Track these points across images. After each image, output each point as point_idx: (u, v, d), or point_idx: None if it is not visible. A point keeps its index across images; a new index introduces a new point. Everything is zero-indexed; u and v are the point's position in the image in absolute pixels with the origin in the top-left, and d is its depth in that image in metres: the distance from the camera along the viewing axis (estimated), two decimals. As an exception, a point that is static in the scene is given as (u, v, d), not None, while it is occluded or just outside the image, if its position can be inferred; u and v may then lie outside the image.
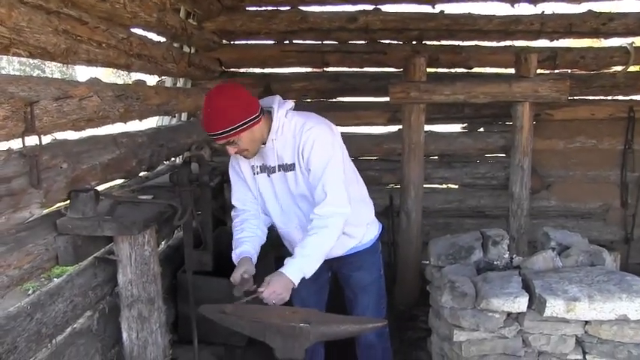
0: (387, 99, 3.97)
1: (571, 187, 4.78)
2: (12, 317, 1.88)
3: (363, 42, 4.64)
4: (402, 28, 4.51)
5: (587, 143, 4.72)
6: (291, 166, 2.37)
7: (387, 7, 4.47)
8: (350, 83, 4.71)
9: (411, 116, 3.91)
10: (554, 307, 2.28)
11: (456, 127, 4.97)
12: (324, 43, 4.65)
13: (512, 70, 4.03)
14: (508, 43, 4.65)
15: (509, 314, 2.41)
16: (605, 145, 4.71)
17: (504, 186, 4.45)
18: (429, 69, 3.94)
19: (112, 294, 2.53)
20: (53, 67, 13.81)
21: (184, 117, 4.41)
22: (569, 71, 4.65)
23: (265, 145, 2.36)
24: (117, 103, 2.61)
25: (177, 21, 3.41)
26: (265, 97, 2.46)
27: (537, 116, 4.34)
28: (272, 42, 4.69)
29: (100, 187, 2.48)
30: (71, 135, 2.30)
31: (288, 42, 4.67)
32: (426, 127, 4.04)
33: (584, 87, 4.64)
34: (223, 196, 3.75)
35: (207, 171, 2.70)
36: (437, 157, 4.86)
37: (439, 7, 4.46)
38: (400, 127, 4.18)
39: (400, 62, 4.34)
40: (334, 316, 2.24)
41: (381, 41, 4.63)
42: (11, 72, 12.76)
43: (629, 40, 4.63)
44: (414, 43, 4.60)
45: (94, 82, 2.44)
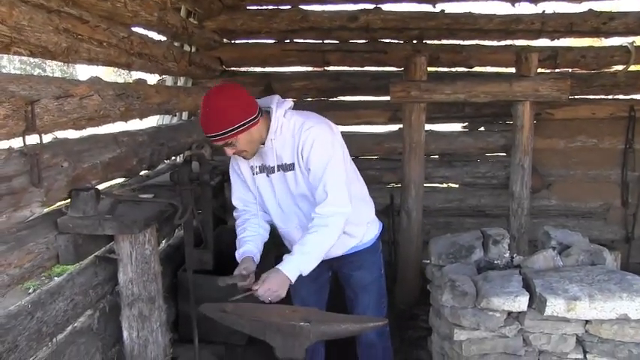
0: (387, 98, 3.97)
1: (572, 187, 4.78)
2: (13, 316, 1.88)
3: (364, 41, 4.65)
4: (402, 28, 4.51)
5: (587, 142, 4.72)
6: (290, 166, 2.36)
7: (387, 6, 4.47)
8: (351, 82, 4.71)
9: (412, 115, 3.91)
10: (555, 306, 2.28)
11: (456, 127, 4.97)
12: (325, 42, 4.66)
13: (512, 69, 4.02)
14: (509, 42, 4.65)
15: (509, 313, 2.41)
16: (605, 144, 4.71)
17: (505, 185, 4.45)
18: (429, 68, 3.93)
19: (112, 293, 2.53)
20: (54, 65, 13.81)
21: (185, 116, 4.41)
22: (570, 70, 4.65)
23: (264, 145, 2.35)
24: (117, 101, 2.62)
25: (177, 20, 3.41)
26: (265, 96, 2.46)
27: (538, 115, 4.34)
28: (273, 41, 4.70)
29: (100, 186, 2.49)
30: (72, 134, 2.31)
31: (288, 41, 4.67)
32: (427, 127, 4.04)
33: (585, 86, 4.63)
34: (224, 195, 3.75)
35: (207, 170, 2.70)
36: (437, 156, 4.86)
37: (440, 7, 4.46)
38: (401, 126, 4.18)
39: (401, 61, 4.33)
40: (335, 315, 2.23)
41: (382, 40, 4.64)
42: (12, 71, 12.77)
43: (630, 39, 4.63)
44: (414, 42, 4.61)
45: (95, 80, 2.45)
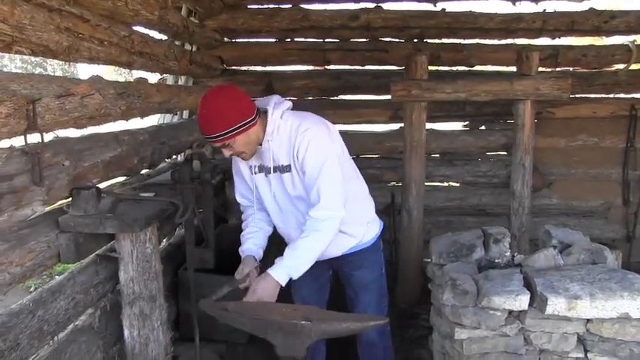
0: (388, 97, 3.97)
1: (573, 185, 4.77)
2: (14, 314, 1.88)
3: (365, 40, 4.65)
4: (403, 26, 4.51)
5: (588, 141, 4.72)
6: (287, 168, 2.36)
7: (388, 5, 4.47)
8: (351, 81, 4.71)
9: (413, 114, 3.91)
10: (556, 305, 2.28)
11: (457, 125, 4.97)
12: (326, 41, 4.66)
13: (513, 68, 4.02)
14: (509, 41, 4.64)
15: (510, 312, 2.41)
16: (606, 143, 4.70)
17: (506, 184, 4.45)
18: (430, 67, 3.92)
19: (113, 291, 2.54)
20: (55, 64, 13.82)
21: (186, 115, 4.41)
22: (571, 69, 4.65)
23: (261, 146, 2.35)
24: (118, 100, 2.62)
25: (178, 19, 3.41)
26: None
27: (539, 114, 4.33)
28: (273, 40, 4.70)
29: (101, 185, 2.49)
30: (73, 133, 2.31)
31: (289, 40, 4.67)
32: (428, 125, 4.04)
33: (586, 85, 4.63)
34: (225, 194, 3.76)
35: (208, 168, 2.69)
36: (438, 155, 4.87)
37: (440, 5, 4.46)
38: (402, 125, 4.18)
39: (402, 60, 4.33)
40: (335, 313, 2.23)
41: (383, 39, 4.64)
42: (13, 70, 12.77)
43: (631, 38, 4.63)
44: (415, 41, 4.61)
45: (96, 79, 2.45)
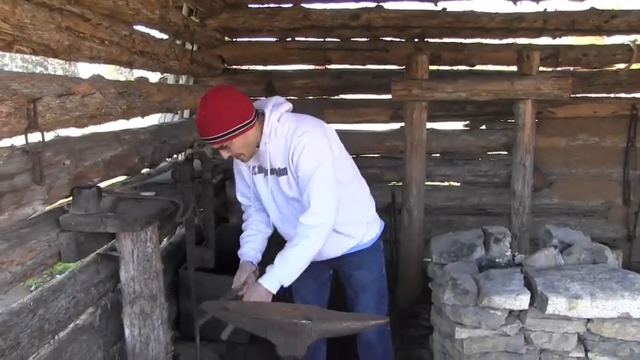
0: (389, 96, 3.96)
1: (573, 185, 4.77)
2: (15, 313, 1.89)
3: (366, 39, 4.65)
4: (404, 26, 4.51)
5: (589, 141, 4.71)
6: (283, 171, 2.36)
7: (389, 5, 4.47)
8: (352, 81, 4.71)
9: (413, 114, 3.90)
10: (556, 304, 2.27)
11: (458, 125, 4.96)
12: (327, 40, 4.66)
13: (514, 67, 4.02)
14: (510, 40, 4.64)
15: (511, 312, 2.41)
16: (607, 142, 4.70)
17: (506, 184, 4.44)
18: (431, 66, 3.92)
19: (114, 290, 2.54)
20: (56, 63, 13.84)
21: (186, 114, 4.41)
22: (572, 69, 4.64)
23: (259, 148, 2.35)
24: (119, 100, 2.62)
25: (179, 18, 3.41)
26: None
27: (539, 114, 4.33)
28: (274, 39, 4.69)
29: (102, 184, 2.49)
30: (74, 132, 2.31)
31: (290, 39, 4.67)
32: (428, 125, 4.03)
33: (587, 85, 4.62)
34: (225, 193, 3.76)
35: (209, 168, 2.70)
36: (439, 155, 4.86)
37: (441, 5, 4.46)
38: (402, 124, 4.17)
39: (402, 60, 4.32)
40: (336, 312, 2.23)
41: (384, 39, 4.64)
42: (14, 69, 12.77)
43: (632, 37, 4.62)
44: (416, 40, 4.60)
45: (97, 79, 2.45)
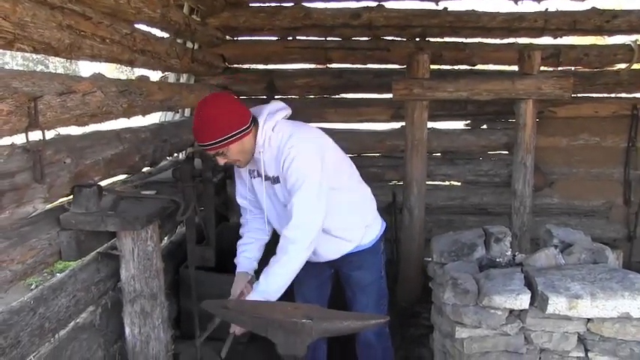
0: (390, 96, 3.95)
1: (574, 185, 4.77)
2: (15, 312, 1.89)
3: (367, 38, 4.64)
4: (405, 25, 4.51)
5: (590, 141, 4.71)
6: (277, 179, 2.37)
7: (390, 4, 4.47)
8: (353, 80, 4.70)
9: (414, 113, 3.90)
10: (557, 304, 2.27)
11: (458, 124, 4.96)
12: (328, 39, 4.65)
13: (515, 67, 4.01)
14: (511, 40, 4.64)
15: (511, 311, 2.41)
16: (608, 142, 4.70)
17: (507, 183, 4.44)
18: (432, 66, 3.91)
19: (114, 289, 2.54)
20: (56, 62, 13.84)
21: (187, 113, 4.41)
22: (573, 69, 4.64)
23: (254, 156, 2.36)
24: (120, 98, 2.62)
25: (180, 17, 3.41)
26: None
27: (540, 113, 4.33)
28: (275, 38, 4.69)
29: (103, 183, 2.49)
30: (74, 130, 2.31)
31: (291, 38, 4.66)
32: (429, 124, 4.03)
33: (588, 84, 4.62)
34: (226, 192, 3.77)
35: (209, 167, 2.70)
36: (440, 154, 4.86)
37: (442, 4, 4.46)
38: (403, 123, 4.16)
39: (403, 59, 4.31)
40: (336, 312, 2.22)
41: (385, 38, 4.63)
42: (15, 67, 12.77)
43: (633, 37, 4.62)
44: (417, 39, 4.60)
45: (98, 77, 2.45)
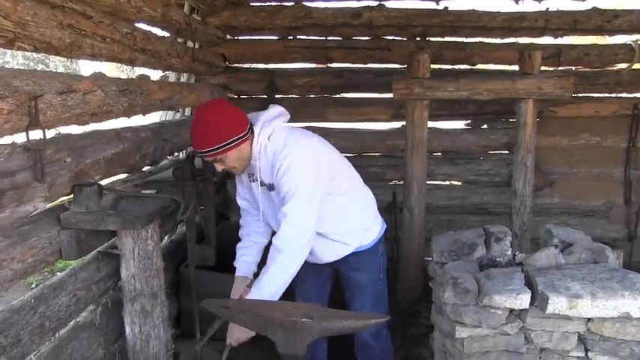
0: (390, 95, 3.95)
1: (574, 185, 4.76)
2: (15, 311, 1.89)
3: (367, 38, 4.64)
4: (405, 25, 4.50)
5: (590, 140, 4.71)
6: (272, 186, 2.38)
7: (391, 3, 4.47)
8: (354, 79, 4.70)
9: (415, 112, 3.90)
10: (557, 304, 2.27)
11: (459, 124, 4.96)
12: (328, 38, 4.65)
13: (516, 67, 4.00)
14: (512, 39, 4.63)
15: (511, 311, 2.41)
16: (609, 142, 4.69)
17: (507, 183, 4.43)
18: (432, 65, 3.91)
19: (114, 288, 2.54)
20: (57, 61, 13.84)
21: (188, 112, 4.41)
22: (574, 68, 4.63)
23: (251, 163, 2.37)
24: (121, 97, 2.62)
25: (181, 16, 3.41)
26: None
27: (541, 113, 4.32)
28: (276, 37, 4.69)
29: (103, 182, 2.49)
30: (75, 129, 2.31)
31: (292, 37, 4.66)
32: (430, 124, 4.02)
33: (588, 84, 4.61)
34: (226, 191, 3.76)
35: (210, 166, 2.70)
36: (440, 154, 4.85)
37: (443, 4, 4.45)
38: (403, 123, 4.16)
39: (404, 58, 4.31)
40: (337, 311, 2.23)
41: (385, 37, 4.63)
42: (15, 66, 12.76)
43: (634, 37, 4.61)
44: (417, 39, 4.60)
45: (98, 76, 2.45)
